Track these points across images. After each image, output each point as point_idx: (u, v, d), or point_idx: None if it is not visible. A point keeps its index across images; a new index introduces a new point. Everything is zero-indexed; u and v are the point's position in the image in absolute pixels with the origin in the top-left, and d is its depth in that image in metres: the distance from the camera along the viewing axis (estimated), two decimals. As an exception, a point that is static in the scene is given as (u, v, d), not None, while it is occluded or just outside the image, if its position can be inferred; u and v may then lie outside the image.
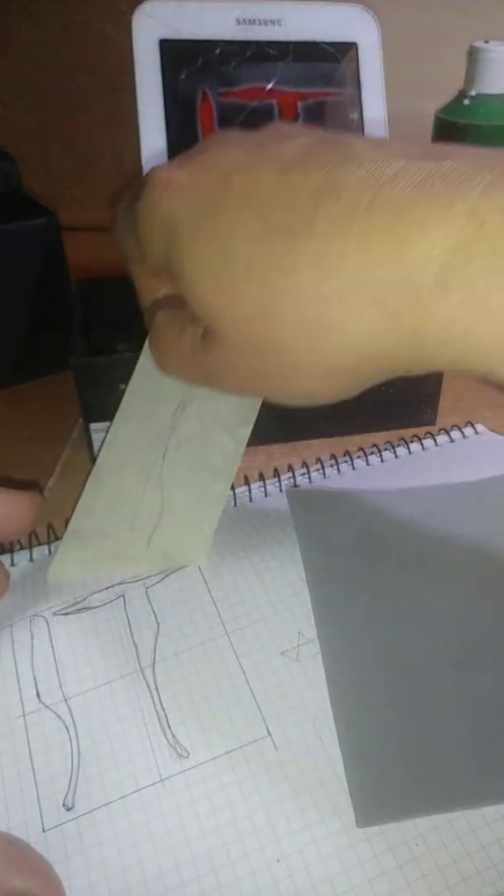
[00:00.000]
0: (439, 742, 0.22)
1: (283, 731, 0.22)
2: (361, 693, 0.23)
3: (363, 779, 0.21)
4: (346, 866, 0.20)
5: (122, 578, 0.27)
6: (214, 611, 0.26)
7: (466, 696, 0.23)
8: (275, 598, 0.26)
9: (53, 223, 0.39)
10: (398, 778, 0.21)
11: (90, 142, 0.60)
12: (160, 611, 0.26)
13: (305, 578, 0.26)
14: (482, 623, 0.25)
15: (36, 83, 0.57)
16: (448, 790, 0.21)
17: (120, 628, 0.25)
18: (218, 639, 0.25)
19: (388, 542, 0.28)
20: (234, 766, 0.22)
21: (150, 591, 0.27)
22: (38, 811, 0.21)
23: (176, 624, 0.25)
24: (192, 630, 0.25)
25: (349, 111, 0.35)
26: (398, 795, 0.21)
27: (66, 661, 0.24)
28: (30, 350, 0.41)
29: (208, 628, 0.25)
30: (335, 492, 0.30)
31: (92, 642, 0.25)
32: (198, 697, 0.23)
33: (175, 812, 0.21)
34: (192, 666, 0.24)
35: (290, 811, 0.21)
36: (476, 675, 0.23)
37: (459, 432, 0.37)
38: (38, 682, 0.24)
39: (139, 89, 0.32)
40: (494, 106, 0.43)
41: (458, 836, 0.20)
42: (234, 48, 0.33)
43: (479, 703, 0.22)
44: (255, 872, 0.20)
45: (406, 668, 0.23)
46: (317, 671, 0.24)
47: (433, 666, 0.23)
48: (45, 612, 0.26)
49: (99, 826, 0.20)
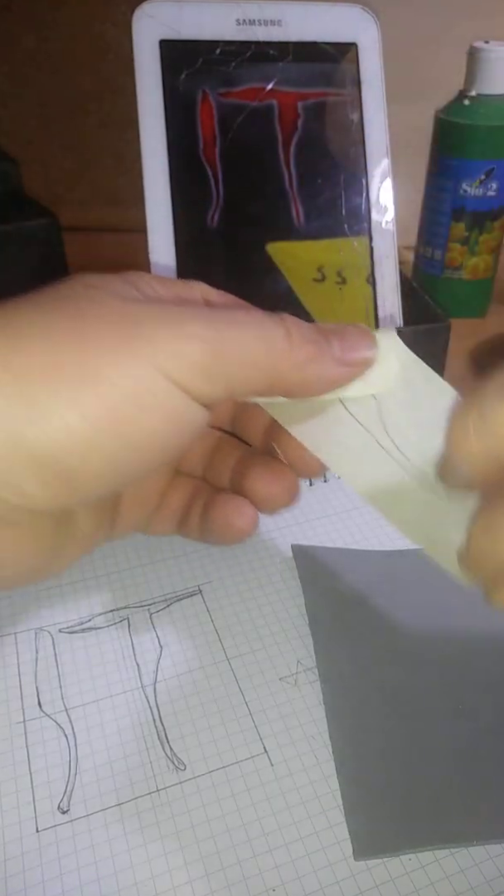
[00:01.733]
0: (436, 778, 0.22)
1: (280, 748, 0.23)
2: (359, 730, 0.23)
3: (360, 812, 0.21)
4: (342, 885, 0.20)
5: (126, 603, 0.27)
6: (216, 638, 0.26)
7: (463, 734, 0.23)
8: (275, 629, 0.27)
9: (54, 224, 0.39)
10: (395, 812, 0.21)
11: (90, 142, 0.60)
12: (163, 636, 0.26)
13: (306, 614, 0.27)
14: (480, 664, 0.25)
15: (36, 84, 0.57)
16: (445, 826, 0.21)
17: (123, 649, 0.26)
18: (218, 663, 0.25)
19: (388, 589, 0.28)
20: (230, 780, 0.22)
21: (154, 616, 0.27)
22: (33, 812, 0.21)
23: (178, 648, 0.26)
24: (193, 654, 0.26)
25: (349, 111, 0.35)
26: (395, 830, 0.20)
27: (69, 674, 0.25)
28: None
29: (209, 653, 0.26)
30: (337, 550, 0.30)
31: (95, 659, 0.25)
32: (196, 715, 0.24)
33: (170, 820, 0.21)
34: (193, 686, 0.24)
35: (284, 823, 0.21)
36: (473, 715, 0.23)
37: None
38: (40, 691, 0.24)
39: (139, 90, 0.32)
40: (494, 106, 0.43)
41: (461, 869, 0.20)
42: (233, 48, 0.33)
43: (476, 741, 0.23)
44: (246, 878, 0.20)
45: (404, 706, 0.24)
46: (314, 696, 0.24)
47: (430, 704, 0.24)
48: (50, 628, 0.26)
49: (93, 830, 0.21)
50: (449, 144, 0.44)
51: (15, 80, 0.57)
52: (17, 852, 0.20)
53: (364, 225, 0.35)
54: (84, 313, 0.16)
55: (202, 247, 0.33)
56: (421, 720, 0.23)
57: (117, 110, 0.58)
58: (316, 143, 0.34)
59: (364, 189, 0.35)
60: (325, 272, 0.35)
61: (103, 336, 0.16)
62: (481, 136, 0.43)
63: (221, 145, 0.33)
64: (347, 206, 0.35)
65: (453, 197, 0.45)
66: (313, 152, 0.34)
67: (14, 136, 0.59)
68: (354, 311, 0.36)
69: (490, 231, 0.46)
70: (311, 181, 0.35)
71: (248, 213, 0.34)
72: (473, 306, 0.50)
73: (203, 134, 0.33)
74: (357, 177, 0.35)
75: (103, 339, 0.16)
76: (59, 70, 0.57)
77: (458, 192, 0.45)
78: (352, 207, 0.35)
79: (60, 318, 0.16)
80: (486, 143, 0.43)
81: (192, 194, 0.33)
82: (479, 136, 0.43)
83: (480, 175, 0.44)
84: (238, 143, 0.34)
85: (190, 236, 0.33)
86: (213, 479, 0.23)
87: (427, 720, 0.23)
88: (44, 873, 0.20)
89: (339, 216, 0.35)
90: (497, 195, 0.45)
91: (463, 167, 0.44)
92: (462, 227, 0.46)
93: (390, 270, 0.35)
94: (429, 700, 0.24)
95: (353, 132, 0.35)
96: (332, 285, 0.35)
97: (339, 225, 0.35)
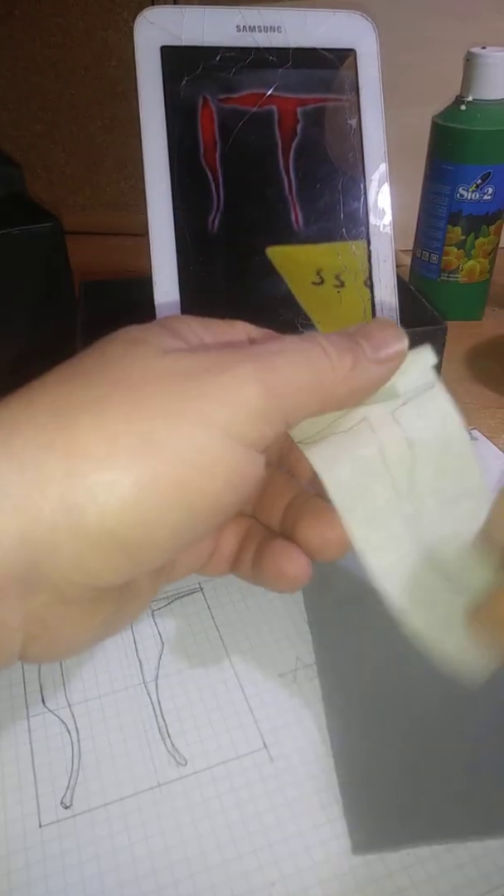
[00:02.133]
0: (434, 774, 0.22)
1: (279, 744, 0.23)
2: (358, 726, 0.23)
3: (359, 808, 0.21)
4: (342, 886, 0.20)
5: None
6: (217, 634, 0.27)
7: (461, 730, 0.23)
8: (275, 626, 0.27)
9: (57, 227, 0.39)
10: (394, 807, 0.21)
11: (93, 147, 0.60)
12: (165, 632, 0.27)
13: (305, 611, 0.27)
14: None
15: (39, 90, 0.58)
16: (443, 821, 0.21)
17: (125, 645, 0.26)
18: (219, 659, 0.26)
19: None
20: (231, 774, 0.22)
21: (155, 613, 0.27)
22: (36, 807, 0.21)
23: (179, 644, 0.26)
24: (194, 650, 0.26)
25: (348, 117, 0.35)
26: (393, 825, 0.21)
27: (72, 670, 0.25)
28: (33, 352, 0.41)
29: (210, 650, 0.26)
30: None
31: (97, 655, 0.26)
32: (198, 711, 0.24)
33: (171, 815, 0.21)
34: (194, 682, 0.25)
35: (283, 818, 0.21)
36: (472, 711, 0.23)
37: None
38: (43, 687, 0.25)
39: (141, 95, 0.32)
40: (491, 111, 0.43)
41: (458, 865, 0.20)
42: (234, 54, 0.33)
43: (474, 737, 0.23)
44: (247, 872, 0.20)
45: (402, 702, 0.24)
46: (313, 692, 0.24)
47: (429, 701, 0.24)
48: None
49: (96, 825, 0.21)
50: (446, 149, 0.45)
51: (18, 86, 0.58)
52: (21, 847, 0.20)
53: (362, 229, 0.36)
54: (131, 377, 0.15)
55: (203, 251, 0.34)
56: (419, 716, 0.23)
57: (119, 115, 0.58)
58: (315, 148, 0.35)
59: (362, 193, 0.35)
60: (324, 276, 0.35)
61: (154, 399, 0.15)
62: (478, 140, 0.43)
63: (222, 150, 0.34)
64: (346, 210, 0.35)
65: (450, 201, 0.46)
66: (312, 157, 0.35)
67: (17, 140, 0.59)
68: (352, 314, 0.36)
69: (486, 235, 0.47)
70: (310, 186, 0.35)
71: (248, 217, 0.34)
72: (470, 309, 0.50)
73: (204, 139, 0.34)
74: (355, 181, 0.35)
75: (155, 404, 0.15)
76: (61, 75, 0.57)
77: (454, 197, 0.45)
78: (350, 212, 0.35)
79: (109, 388, 0.15)
80: (482, 147, 0.44)
81: (192, 199, 0.33)
82: (476, 140, 0.43)
83: (477, 179, 0.44)
84: (238, 148, 0.34)
85: (191, 240, 0.33)
86: (264, 519, 0.22)
87: (425, 716, 0.23)
88: (46, 868, 0.20)
89: (338, 220, 0.35)
90: (493, 199, 0.45)
91: (459, 172, 0.44)
92: (458, 230, 0.46)
93: (388, 274, 0.36)
94: (427, 696, 0.24)
95: (352, 137, 0.35)
96: (331, 289, 0.36)
97: (337, 229, 0.35)
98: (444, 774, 0.22)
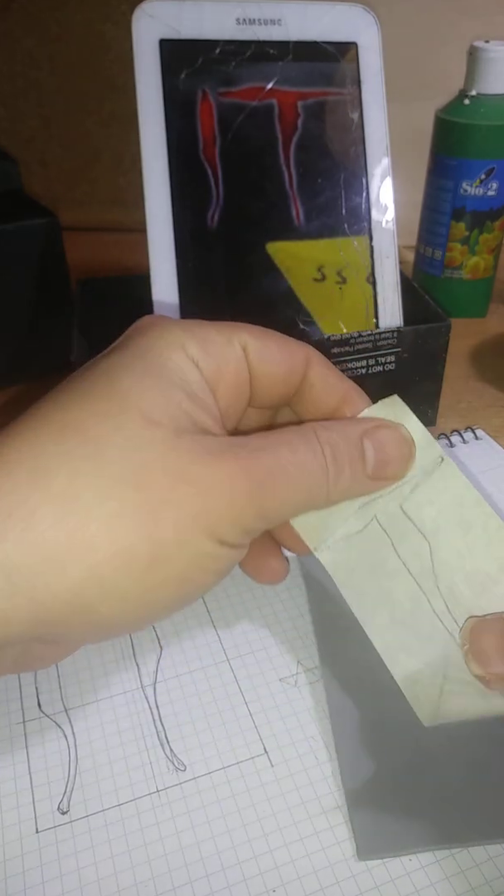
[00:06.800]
0: (439, 778, 0.22)
1: (280, 749, 0.23)
2: (362, 730, 0.23)
3: (365, 813, 0.21)
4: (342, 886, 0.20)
5: None
6: (216, 638, 0.26)
7: (466, 735, 0.23)
8: (275, 630, 0.27)
9: (53, 223, 0.39)
10: (400, 813, 0.21)
11: (90, 142, 0.60)
12: (164, 636, 0.26)
13: (310, 613, 0.27)
14: None
15: (36, 84, 0.57)
16: (447, 825, 0.20)
17: (123, 649, 0.26)
18: (219, 664, 0.25)
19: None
20: (230, 780, 0.22)
21: None
22: (33, 813, 0.21)
23: (178, 648, 0.26)
24: (193, 654, 0.26)
25: (349, 111, 0.35)
26: (399, 830, 0.20)
27: (69, 674, 0.25)
28: (30, 350, 0.41)
29: (210, 654, 0.26)
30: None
31: (94, 659, 0.25)
32: (197, 716, 0.24)
33: (170, 821, 0.21)
34: (193, 687, 0.25)
35: (284, 824, 0.21)
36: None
37: (459, 437, 0.37)
38: (39, 692, 0.24)
39: (139, 89, 0.32)
40: (495, 106, 0.42)
41: (461, 870, 0.20)
42: (233, 48, 0.33)
43: (478, 742, 0.22)
44: (246, 878, 0.20)
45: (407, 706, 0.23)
46: (314, 697, 0.24)
47: None
48: None
49: (93, 831, 0.21)
50: (449, 144, 0.44)
51: (15, 80, 0.57)
52: (17, 853, 0.20)
53: (364, 224, 0.35)
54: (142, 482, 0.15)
55: (202, 246, 0.33)
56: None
57: (117, 110, 0.58)
58: (316, 143, 0.34)
59: (364, 188, 0.35)
60: (326, 272, 0.35)
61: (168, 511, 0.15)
62: (481, 135, 0.43)
63: (221, 145, 0.33)
64: (347, 205, 0.35)
65: (453, 196, 0.45)
66: (313, 152, 0.34)
67: (14, 135, 0.59)
68: (354, 311, 0.35)
69: (490, 231, 0.46)
70: (311, 180, 0.35)
71: (248, 212, 0.34)
72: (474, 306, 0.50)
73: (203, 133, 0.33)
74: (357, 176, 0.35)
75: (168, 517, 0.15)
76: (58, 70, 0.57)
77: (458, 192, 0.45)
78: (352, 207, 0.35)
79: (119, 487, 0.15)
80: (486, 142, 0.43)
81: (191, 194, 0.33)
82: (480, 135, 0.43)
83: (480, 174, 0.44)
84: (238, 143, 0.33)
85: (190, 236, 0.33)
86: None
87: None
88: (43, 874, 0.20)
89: (340, 216, 0.35)
90: (497, 195, 0.45)
91: (463, 167, 0.44)
92: (462, 226, 0.46)
93: (390, 270, 0.35)
94: None
95: (354, 131, 0.35)
96: (333, 285, 0.35)
97: (339, 224, 0.35)
98: (448, 779, 0.22)
